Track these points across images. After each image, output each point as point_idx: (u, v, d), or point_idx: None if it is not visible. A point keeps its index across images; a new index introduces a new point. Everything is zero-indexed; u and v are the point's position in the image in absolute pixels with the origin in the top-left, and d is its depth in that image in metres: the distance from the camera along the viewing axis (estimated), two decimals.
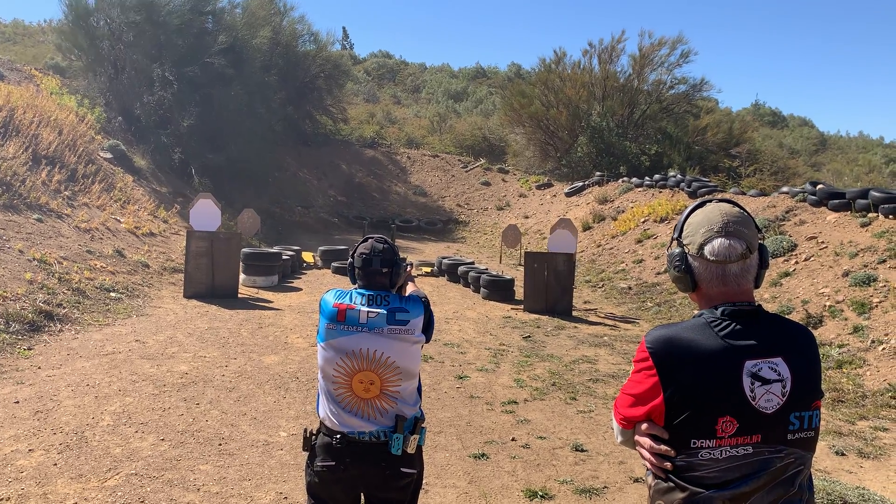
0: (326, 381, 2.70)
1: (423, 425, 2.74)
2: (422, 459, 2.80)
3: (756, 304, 1.75)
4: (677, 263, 1.79)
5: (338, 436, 2.63)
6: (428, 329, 2.82)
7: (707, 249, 1.73)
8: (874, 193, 11.30)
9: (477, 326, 10.41)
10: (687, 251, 1.78)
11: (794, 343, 1.72)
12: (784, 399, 1.65)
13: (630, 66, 29.20)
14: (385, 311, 2.71)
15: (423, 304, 2.84)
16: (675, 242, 1.84)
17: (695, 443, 1.63)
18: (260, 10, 25.72)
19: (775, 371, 1.66)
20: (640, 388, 1.73)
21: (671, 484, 1.68)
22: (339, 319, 2.68)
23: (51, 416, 5.44)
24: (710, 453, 1.63)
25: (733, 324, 1.69)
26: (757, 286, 1.79)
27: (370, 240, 2.87)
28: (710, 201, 1.82)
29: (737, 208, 1.81)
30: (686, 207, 1.84)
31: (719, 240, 1.73)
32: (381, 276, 2.82)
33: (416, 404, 2.78)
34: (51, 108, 16.47)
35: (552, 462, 5.26)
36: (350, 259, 2.88)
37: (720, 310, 1.71)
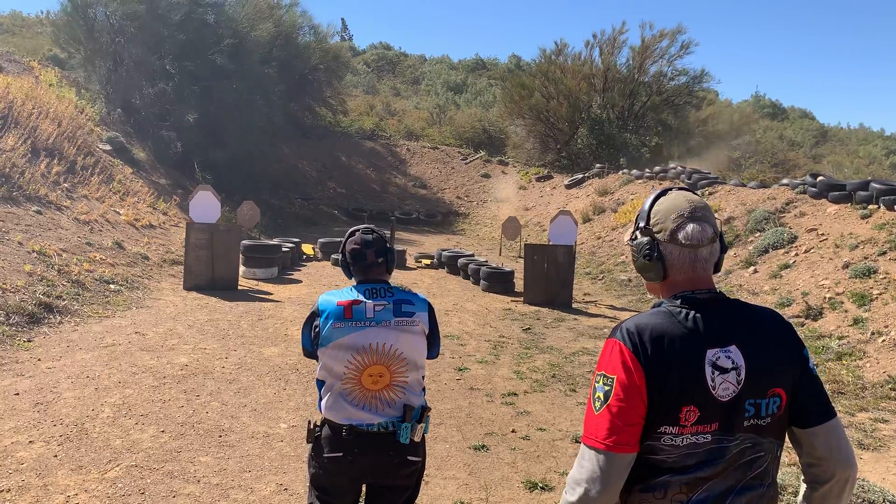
0: (334, 379, 2.66)
1: (428, 413, 2.74)
2: (425, 447, 2.81)
3: (716, 290, 1.76)
4: (647, 252, 1.77)
5: (346, 427, 2.62)
6: (434, 336, 2.81)
7: (681, 235, 1.73)
8: (875, 185, 11.29)
9: (477, 318, 10.41)
10: (658, 238, 1.76)
11: (751, 330, 1.71)
12: (739, 387, 1.66)
13: (631, 57, 29.14)
14: (391, 303, 2.70)
15: (428, 303, 2.82)
16: (639, 232, 1.82)
17: (661, 429, 1.64)
18: (261, 2, 25.62)
19: (730, 359, 1.66)
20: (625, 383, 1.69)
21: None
22: (347, 316, 2.65)
23: (51, 408, 5.45)
24: (673, 440, 1.64)
25: (693, 312, 1.69)
26: (717, 271, 1.80)
27: (357, 232, 2.83)
28: (671, 189, 1.82)
29: (696, 195, 1.81)
30: (655, 194, 1.81)
31: (691, 224, 1.73)
32: (378, 266, 2.79)
33: (422, 393, 2.78)
34: (50, 99, 16.43)
35: (552, 454, 5.27)
36: (342, 255, 2.85)
37: (679, 299, 1.72)
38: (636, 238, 1.83)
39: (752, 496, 1.68)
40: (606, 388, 1.66)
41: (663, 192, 1.83)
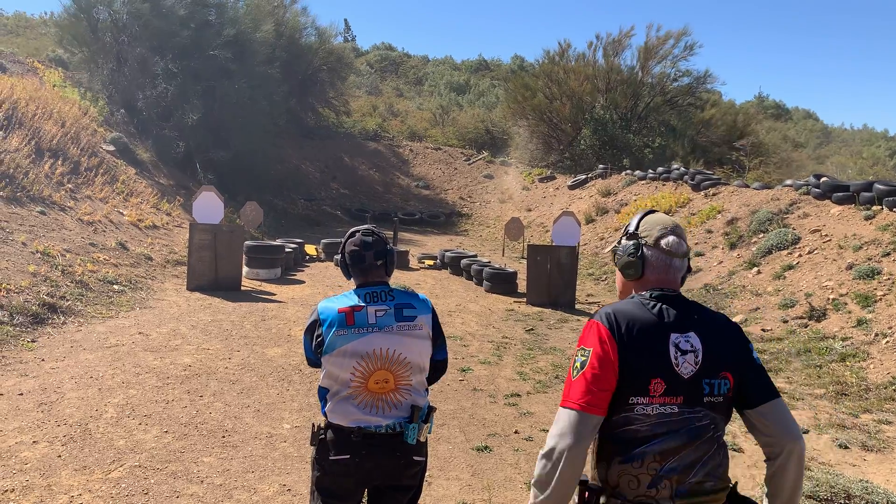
0: (340, 386, 2.65)
1: (433, 413, 2.74)
2: (427, 447, 2.81)
3: (678, 292, 2.12)
4: (632, 251, 2.13)
5: (355, 430, 2.61)
6: (438, 338, 2.80)
7: (663, 242, 2.11)
8: (878, 186, 11.26)
9: (480, 319, 10.41)
10: (643, 243, 2.13)
11: (706, 323, 2.05)
12: (697, 367, 1.97)
13: (635, 58, 29.10)
14: (392, 308, 2.69)
15: (430, 305, 2.81)
16: (626, 237, 2.20)
17: (632, 399, 1.93)
18: (264, 2, 25.66)
19: (690, 343, 1.99)
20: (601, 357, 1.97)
21: (608, 441, 1.98)
22: (349, 323, 2.64)
23: (55, 408, 5.46)
24: (644, 409, 1.93)
25: (660, 304, 2.03)
26: (681, 284, 2.16)
27: (357, 234, 2.80)
28: (655, 211, 2.23)
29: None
30: (642, 213, 2.24)
31: (672, 237, 2.12)
32: (377, 268, 2.78)
33: (426, 393, 2.78)
34: (53, 100, 16.47)
35: None
36: (341, 256, 2.83)
37: (649, 293, 2.07)
38: (621, 242, 2.21)
39: (713, 465, 1.97)
40: (583, 358, 1.97)
41: (651, 211, 2.23)
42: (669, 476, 1.92)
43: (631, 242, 2.16)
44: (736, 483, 2.05)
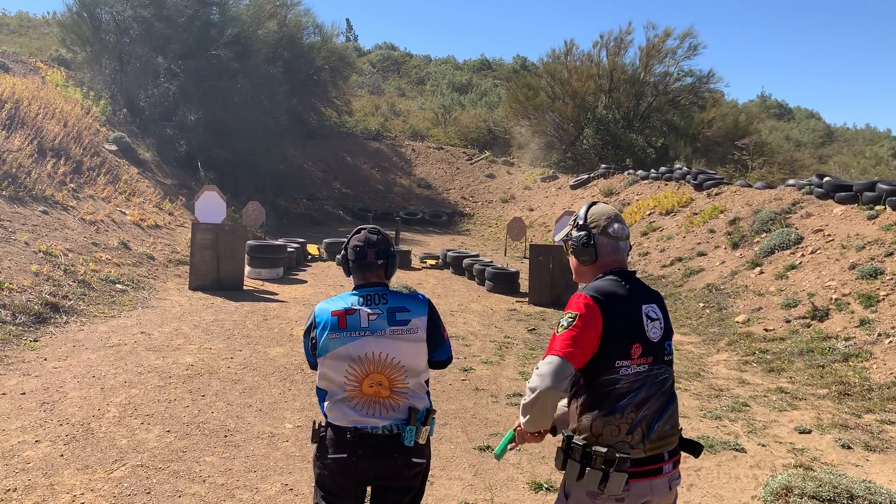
0: (336, 388, 2.66)
1: (433, 416, 2.74)
2: (430, 448, 2.80)
3: (632, 270, 2.51)
4: (585, 240, 2.47)
5: (350, 430, 2.61)
6: (436, 338, 2.78)
7: (611, 229, 2.47)
8: (881, 186, 11.23)
9: (482, 319, 10.40)
10: (593, 231, 2.47)
11: (657, 296, 2.50)
12: (661, 332, 2.42)
13: (637, 58, 29.05)
14: (385, 311, 2.68)
15: (428, 304, 2.79)
16: (576, 229, 2.51)
17: (617, 363, 2.29)
18: (266, 2, 25.65)
19: (655, 313, 2.42)
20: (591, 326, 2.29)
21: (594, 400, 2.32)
22: (341, 326, 2.64)
23: (57, 408, 5.46)
24: (626, 370, 2.30)
25: (625, 281, 2.41)
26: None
27: (363, 231, 2.82)
28: (597, 202, 2.55)
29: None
30: (588, 205, 2.57)
31: (617, 224, 2.49)
32: (377, 268, 2.77)
33: (427, 395, 2.77)
34: (56, 100, 16.49)
35: None
36: (343, 252, 2.84)
37: (615, 272, 2.43)
38: (572, 234, 2.52)
39: (671, 412, 2.40)
40: (570, 319, 2.29)
41: (593, 203, 2.57)
42: (641, 423, 2.31)
43: (583, 233, 2.48)
44: (681, 428, 2.49)
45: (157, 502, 4.10)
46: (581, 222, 2.51)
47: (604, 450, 2.25)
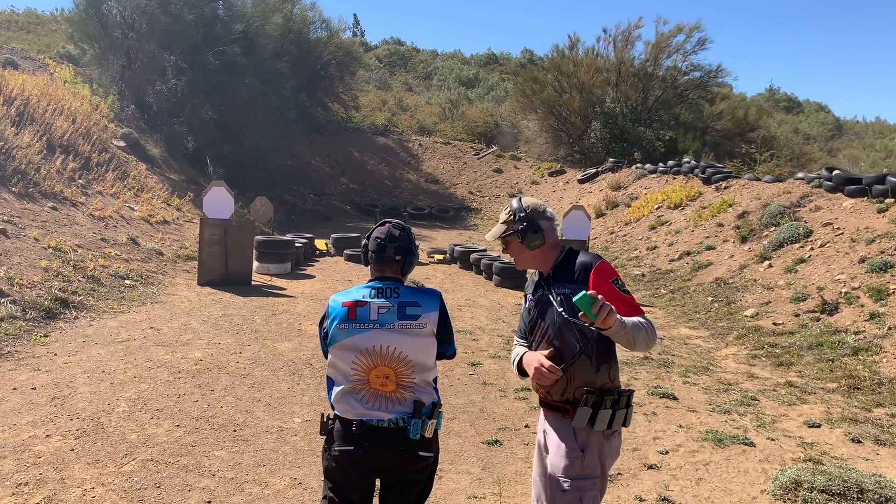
0: (343, 378, 2.68)
1: (439, 410, 2.74)
2: (437, 442, 2.81)
3: None
4: (534, 227, 2.76)
5: (356, 422, 2.63)
6: (445, 335, 2.78)
7: (548, 213, 2.83)
8: (891, 179, 11.16)
9: (489, 313, 10.40)
10: (535, 217, 2.77)
11: None
12: None
13: (645, 51, 28.93)
14: (395, 305, 2.69)
15: (439, 300, 2.79)
16: (519, 219, 2.78)
17: None
18: None
19: None
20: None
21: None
22: (351, 318, 2.67)
23: (67, 403, 5.50)
24: None
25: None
26: None
27: (387, 224, 2.85)
28: (523, 195, 3.00)
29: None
30: (518, 199, 2.87)
31: (549, 209, 2.85)
32: (394, 263, 2.79)
33: (434, 391, 2.78)
34: (65, 96, 16.55)
35: None
36: (364, 241, 2.86)
37: (570, 249, 2.81)
38: (516, 226, 2.78)
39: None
40: (622, 282, 2.68)
41: (519, 195, 2.97)
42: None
43: (528, 223, 2.77)
44: None
45: (167, 496, 4.12)
46: (522, 214, 2.80)
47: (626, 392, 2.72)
